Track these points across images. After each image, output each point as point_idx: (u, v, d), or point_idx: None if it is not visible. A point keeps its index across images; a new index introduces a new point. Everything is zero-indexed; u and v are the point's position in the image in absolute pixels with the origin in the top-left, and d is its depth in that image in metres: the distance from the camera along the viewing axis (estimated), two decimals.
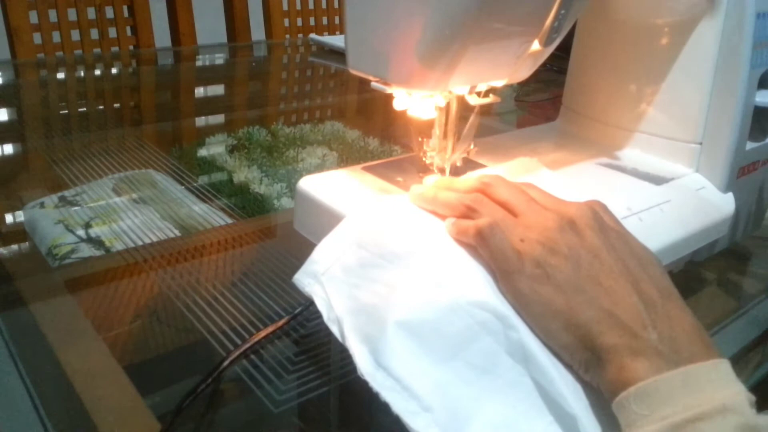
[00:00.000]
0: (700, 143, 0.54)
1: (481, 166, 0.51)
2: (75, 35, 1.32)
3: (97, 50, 1.35)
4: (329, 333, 0.38)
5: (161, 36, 1.45)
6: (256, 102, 1.09)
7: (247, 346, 0.42)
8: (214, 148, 0.80)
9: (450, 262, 0.37)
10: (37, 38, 1.27)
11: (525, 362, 0.34)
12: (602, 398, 0.32)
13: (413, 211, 0.41)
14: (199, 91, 1.18)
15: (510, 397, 0.33)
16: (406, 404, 0.32)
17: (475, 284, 0.36)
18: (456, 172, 0.47)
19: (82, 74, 1.22)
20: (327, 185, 0.47)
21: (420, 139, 0.47)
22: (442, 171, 0.47)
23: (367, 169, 0.49)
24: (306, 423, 0.39)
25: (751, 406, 0.29)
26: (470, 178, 0.41)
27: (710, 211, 0.52)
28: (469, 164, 0.50)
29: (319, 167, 0.74)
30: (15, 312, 0.48)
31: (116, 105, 1.05)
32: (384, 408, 0.33)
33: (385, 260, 0.38)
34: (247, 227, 0.61)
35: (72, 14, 1.30)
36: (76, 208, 0.62)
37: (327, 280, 0.39)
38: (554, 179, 0.49)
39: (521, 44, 0.41)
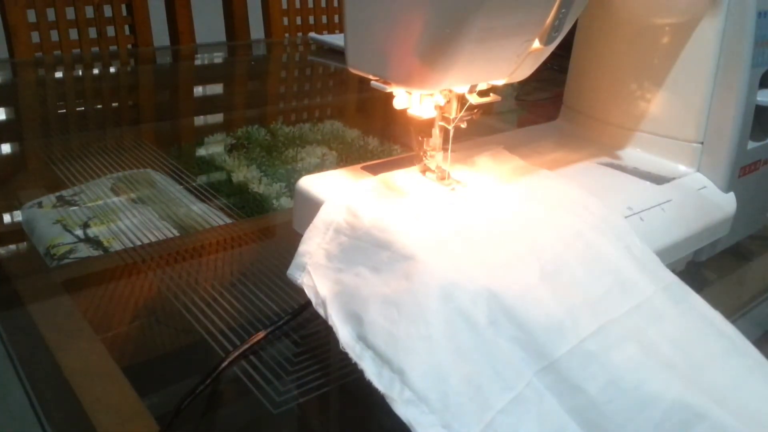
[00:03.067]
0: (702, 143, 0.53)
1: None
2: (73, 34, 1.32)
3: (96, 49, 1.35)
4: (329, 333, 0.38)
5: (160, 35, 1.44)
6: (255, 101, 1.09)
7: (246, 346, 0.42)
8: (213, 148, 0.79)
9: (423, 240, 0.39)
10: (35, 37, 1.26)
11: (494, 326, 0.35)
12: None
13: (383, 193, 0.44)
14: (198, 90, 1.18)
15: (482, 360, 0.34)
16: (380, 370, 0.34)
17: (447, 261, 0.37)
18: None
19: (81, 73, 1.21)
20: (326, 185, 0.46)
21: (420, 138, 0.46)
22: (441, 170, 0.47)
23: (367, 168, 0.49)
24: (305, 424, 0.39)
25: None
26: None
27: (711, 210, 0.52)
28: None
29: (319, 166, 0.74)
30: (13, 312, 0.47)
31: (115, 104, 1.04)
32: (384, 408, 0.33)
33: (363, 242, 0.40)
34: (246, 227, 0.60)
35: (70, 13, 1.30)
36: (74, 207, 0.62)
37: (313, 268, 0.41)
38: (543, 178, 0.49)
39: (522, 43, 0.41)
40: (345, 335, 0.36)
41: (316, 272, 0.41)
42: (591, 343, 0.36)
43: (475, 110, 0.44)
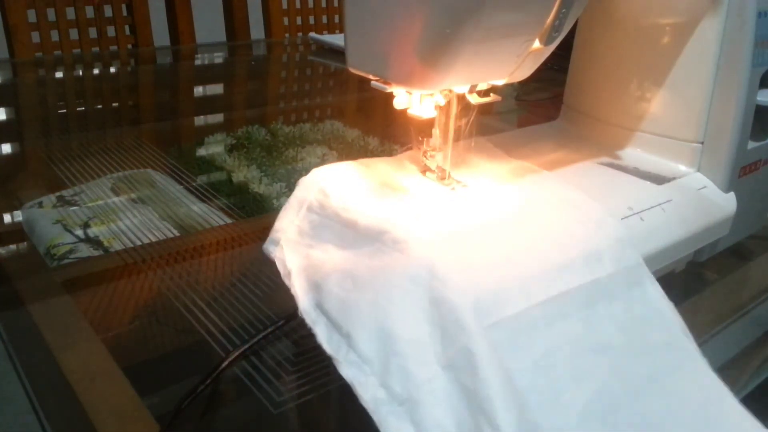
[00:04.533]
0: (702, 142, 0.53)
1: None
2: (73, 34, 1.32)
3: (96, 49, 1.35)
4: None
5: (160, 35, 1.44)
6: (255, 101, 1.09)
7: (246, 346, 0.42)
8: (213, 148, 0.79)
9: (384, 218, 0.41)
10: (35, 37, 1.26)
11: (438, 306, 0.35)
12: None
13: (352, 175, 0.46)
14: (198, 90, 1.18)
15: (427, 322, 0.35)
16: (330, 334, 0.36)
17: (399, 233, 0.39)
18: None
19: (81, 73, 1.21)
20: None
21: (420, 138, 0.46)
22: (441, 170, 0.47)
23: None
24: (305, 424, 0.39)
25: None
26: None
27: (712, 210, 0.52)
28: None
29: (319, 166, 0.74)
30: (13, 312, 0.47)
31: (115, 104, 1.04)
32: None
33: (331, 221, 0.42)
34: (246, 227, 0.60)
35: (70, 13, 1.30)
36: (75, 207, 0.62)
37: (285, 243, 0.43)
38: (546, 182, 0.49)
39: (522, 43, 0.41)
40: (304, 303, 0.39)
41: (288, 247, 0.43)
42: (538, 310, 0.37)
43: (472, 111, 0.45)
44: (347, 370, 0.34)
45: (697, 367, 0.39)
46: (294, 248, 0.43)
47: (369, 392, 0.33)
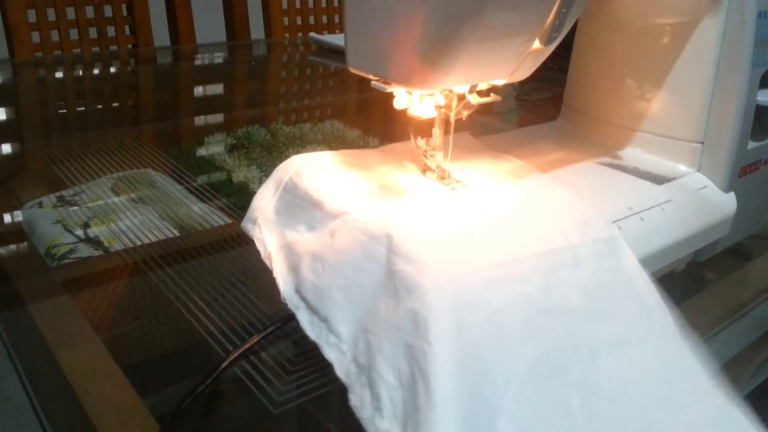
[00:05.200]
0: (702, 143, 0.53)
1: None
2: (73, 34, 1.32)
3: (96, 49, 1.35)
4: None
5: (160, 35, 1.44)
6: (255, 101, 1.09)
7: (246, 346, 0.42)
8: (213, 148, 0.79)
9: (351, 201, 0.42)
10: (35, 37, 1.26)
11: (393, 277, 0.37)
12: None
13: (329, 162, 0.47)
14: (198, 90, 1.18)
15: (383, 294, 0.37)
16: (311, 319, 0.39)
17: (368, 216, 0.40)
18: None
19: (81, 73, 1.21)
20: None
21: (420, 138, 0.46)
22: (441, 170, 0.47)
23: None
24: (305, 424, 0.39)
25: None
26: None
27: (712, 210, 0.52)
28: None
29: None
30: (13, 312, 0.47)
31: (115, 104, 1.04)
32: None
33: (302, 200, 0.44)
34: None
35: (70, 13, 1.30)
36: (75, 207, 0.62)
37: (263, 222, 0.45)
38: (543, 183, 0.49)
39: (522, 43, 0.41)
40: (286, 288, 0.41)
41: (266, 226, 0.45)
42: (495, 270, 0.37)
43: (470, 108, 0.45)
44: (327, 351, 0.37)
45: (667, 339, 0.39)
46: (271, 228, 0.45)
47: (343, 368, 0.36)
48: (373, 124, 0.94)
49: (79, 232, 0.57)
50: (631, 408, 0.35)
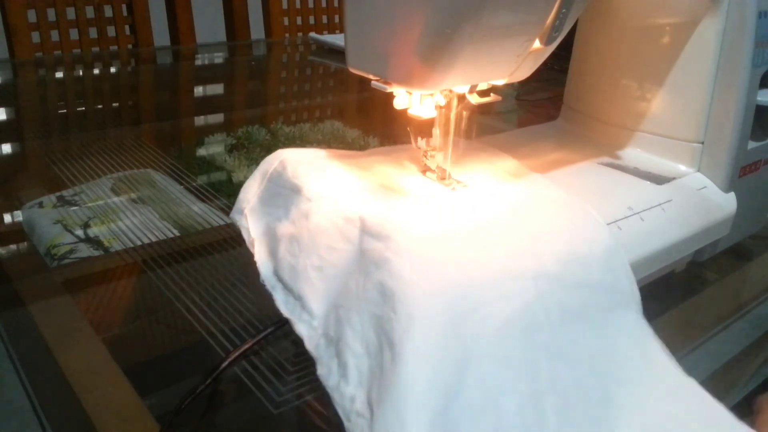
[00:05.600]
0: (702, 142, 0.53)
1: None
2: (73, 34, 1.32)
3: (96, 49, 1.35)
4: None
5: (160, 35, 1.44)
6: (255, 101, 1.09)
7: (246, 346, 0.42)
8: (213, 148, 0.79)
9: (327, 186, 0.44)
10: (35, 37, 1.26)
11: (376, 266, 0.37)
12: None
13: (315, 156, 0.48)
14: (198, 90, 1.18)
15: (355, 272, 0.38)
16: (286, 298, 0.41)
17: (343, 199, 0.42)
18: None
19: (81, 73, 1.21)
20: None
21: (420, 138, 0.46)
22: (442, 170, 0.47)
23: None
24: (305, 424, 0.39)
25: None
26: None
27: (712, 210, 0.52)
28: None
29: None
30: (13, 312, 0.47)
31: (115, 104, 1.04)
32: None
33: (284, 188, 0.45)
34: None
35: (70, 13, 1.30)
36: (75, 207, 0.62)
37: (249, 211, 0.47)
38: (541, 183, 0.49)
39: (522, 43, 0.41)
40: (265, 271, 0.43)
41: (251, 215, 0.47)
42: (471, 242, 0.39)
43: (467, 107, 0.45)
44: (299, 327, 0.39)
45: (633, 315, 0.40)
46: (256, 217, 0.46)
47: (313, 342, 0.37)
48: (373, 124, 0.94)
49: (79, 232, 0.57)
50: (591, 376, 0.36)
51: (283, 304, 0.41)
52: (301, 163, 0.47)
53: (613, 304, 0.39)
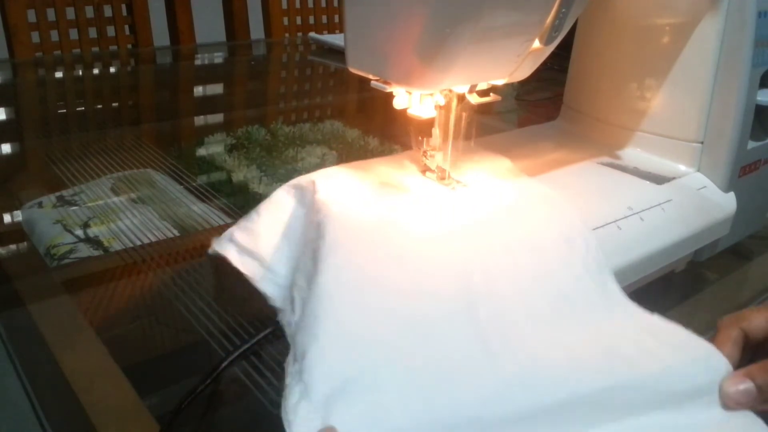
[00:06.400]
0: (702, 142, 0.53)
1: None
2: (73, 34, 1.32)
3: (96, 49, 1.35)
4: None
5: (160, 35, 1.44)
6: (255, 101, 1.09)
7: (246, 346, 0.42)
8: (213, 148, 0.79)
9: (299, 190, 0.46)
10: (35, 37, 1.26)
11: (317, 212, 0.41)
12: None
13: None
14: (198, 90, 1.18)
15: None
16: (244, 258, 0.43)
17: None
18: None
19: (81, 73, 1.22)
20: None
21: (420, 138, 0.46)
22: (441, 170, 0.47)
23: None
24: None
25: None
26: None
27: (712, 210, 0.52)
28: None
29: (319, 166, 0.74)
30: (13, 312, 0.47)
31: (115, 104, 1.04)
32: None
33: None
34: None
35: (70, 13, 1.30)
36: (75, 207, 0.62)
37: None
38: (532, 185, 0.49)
39: (522, 43, 0.41)
40: (225, 249, 0.45)
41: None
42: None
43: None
44: (263, 286, 0.42)
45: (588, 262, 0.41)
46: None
47: (279, 295, 0.40)
48: (373, 124, 0.94)
49: (79, 232, 0.57)
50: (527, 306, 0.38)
51: (240, 265, 0.43)
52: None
53: (567, 257, 0.41)
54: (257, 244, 0.43)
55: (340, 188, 0.44)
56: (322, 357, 0.32)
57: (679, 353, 0.34)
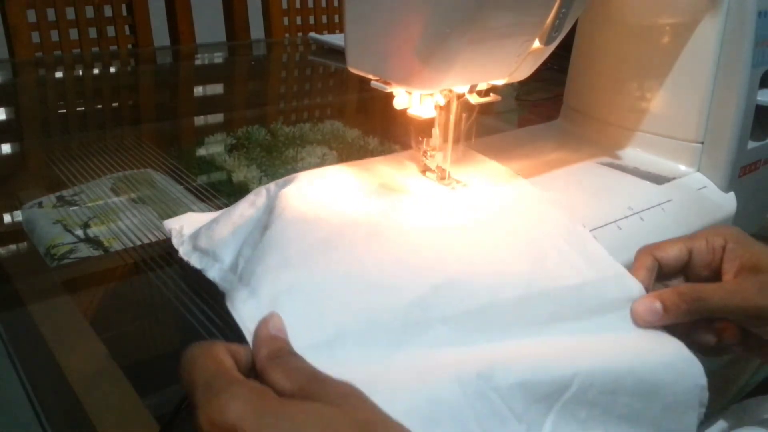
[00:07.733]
0: (702, 142, 0.53)
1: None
2: (73, 34, 1.32)
3: (96, 49, 1.35)
4: None
5: (160, 35, 1.44)
6: (255, 101, 1.09)
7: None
8: (213, 148, 0.79)
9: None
10: (35, 37, 1.26)
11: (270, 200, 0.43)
12: None
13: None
14: (198, 90, 1.18)
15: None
16: (192, 251, 0.44)
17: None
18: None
19: (81, 73, 1.22)
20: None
21: (420, 138, 0.46)
22: (441, 170, 0.47)
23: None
24: None
25: None
26: None
27: (712, 210, 0.52)
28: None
29: (319, 166, 0.74)
30: (13, 312, 0.47)
31: (115, 104, 1.04)
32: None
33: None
34: None
35: (70, 13, 1.30)
36: (75, 207, 0.62)
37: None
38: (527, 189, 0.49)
39: (522, 43, 0.41)
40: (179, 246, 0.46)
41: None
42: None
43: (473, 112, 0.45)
44: (211, 273, 0.41)
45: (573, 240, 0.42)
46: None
47: (224, 278, 0.40)
48: (373, 124, 0.94)
49: (79, 232, 0.57)
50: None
51: (193, 258, 0.43)
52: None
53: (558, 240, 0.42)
54: (211, 242, 0.44)
55: (307, 191, 0.44)
56: (268, 271, 0.35)
57: (599, 273, 0.39)
